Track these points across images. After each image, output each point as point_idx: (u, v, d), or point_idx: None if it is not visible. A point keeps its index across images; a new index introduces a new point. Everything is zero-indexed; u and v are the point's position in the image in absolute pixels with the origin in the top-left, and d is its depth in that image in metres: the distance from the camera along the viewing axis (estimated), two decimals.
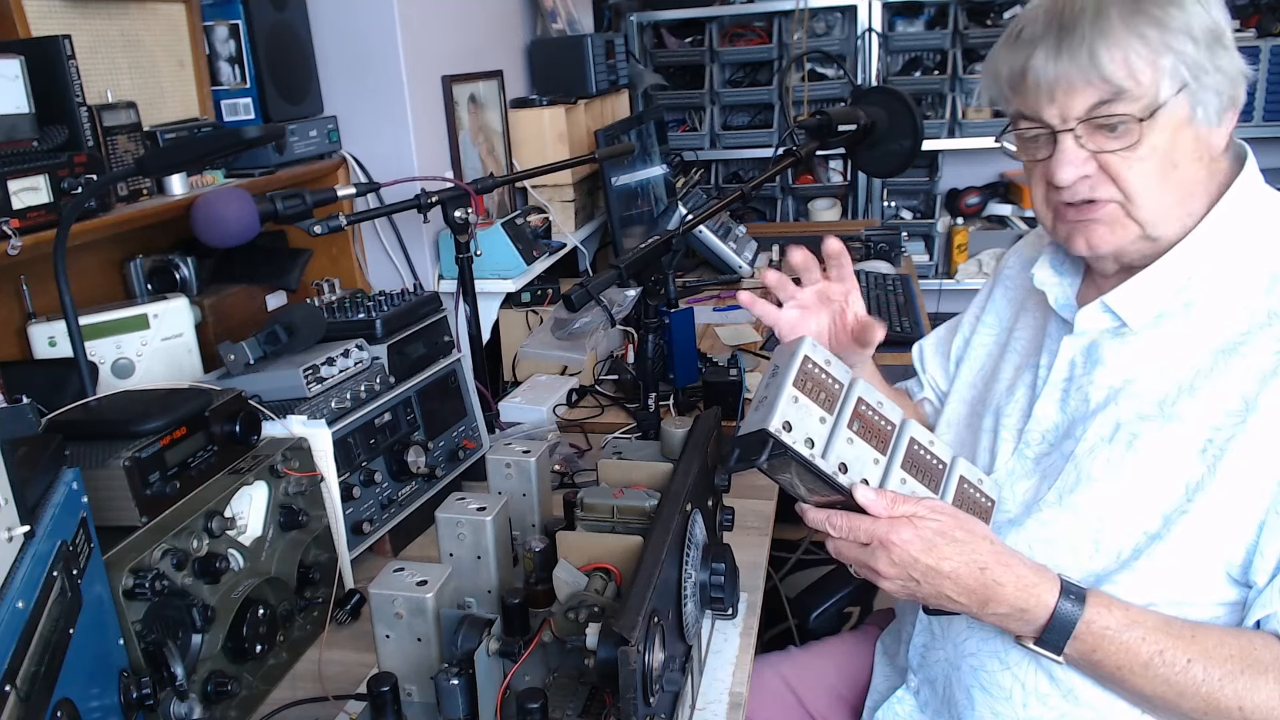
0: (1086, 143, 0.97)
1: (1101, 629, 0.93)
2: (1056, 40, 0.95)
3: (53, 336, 1.35)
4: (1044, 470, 1.07)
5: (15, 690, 0.68)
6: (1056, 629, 0.93)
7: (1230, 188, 1.00)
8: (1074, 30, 0.94)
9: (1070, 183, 0.98)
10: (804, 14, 3.67)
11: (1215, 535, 0.93)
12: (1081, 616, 0.93)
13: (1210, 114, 0.96)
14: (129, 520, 0.99)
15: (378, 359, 1.45)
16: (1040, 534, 1.03)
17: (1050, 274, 1.13)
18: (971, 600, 0.95)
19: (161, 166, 1.35)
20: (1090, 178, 0.98)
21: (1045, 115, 0.98)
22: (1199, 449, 0.95)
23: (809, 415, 0.93)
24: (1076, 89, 0.95)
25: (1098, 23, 0.93)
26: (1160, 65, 0.92)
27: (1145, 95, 0.93)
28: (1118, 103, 0.94)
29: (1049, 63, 0.95)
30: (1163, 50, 0.92)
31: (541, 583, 1.03)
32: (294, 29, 1.80)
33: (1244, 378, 0.94)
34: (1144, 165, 0.96)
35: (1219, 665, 0.90)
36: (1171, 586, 0.95)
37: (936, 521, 0.94)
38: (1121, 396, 1.01)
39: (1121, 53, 0.92)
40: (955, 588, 0.94)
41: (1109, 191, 0.98)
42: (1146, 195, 0.97)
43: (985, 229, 3.86)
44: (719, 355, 1.94)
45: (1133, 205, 0.97)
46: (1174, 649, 0.92)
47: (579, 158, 2.05)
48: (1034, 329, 1.19)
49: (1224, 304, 0.98)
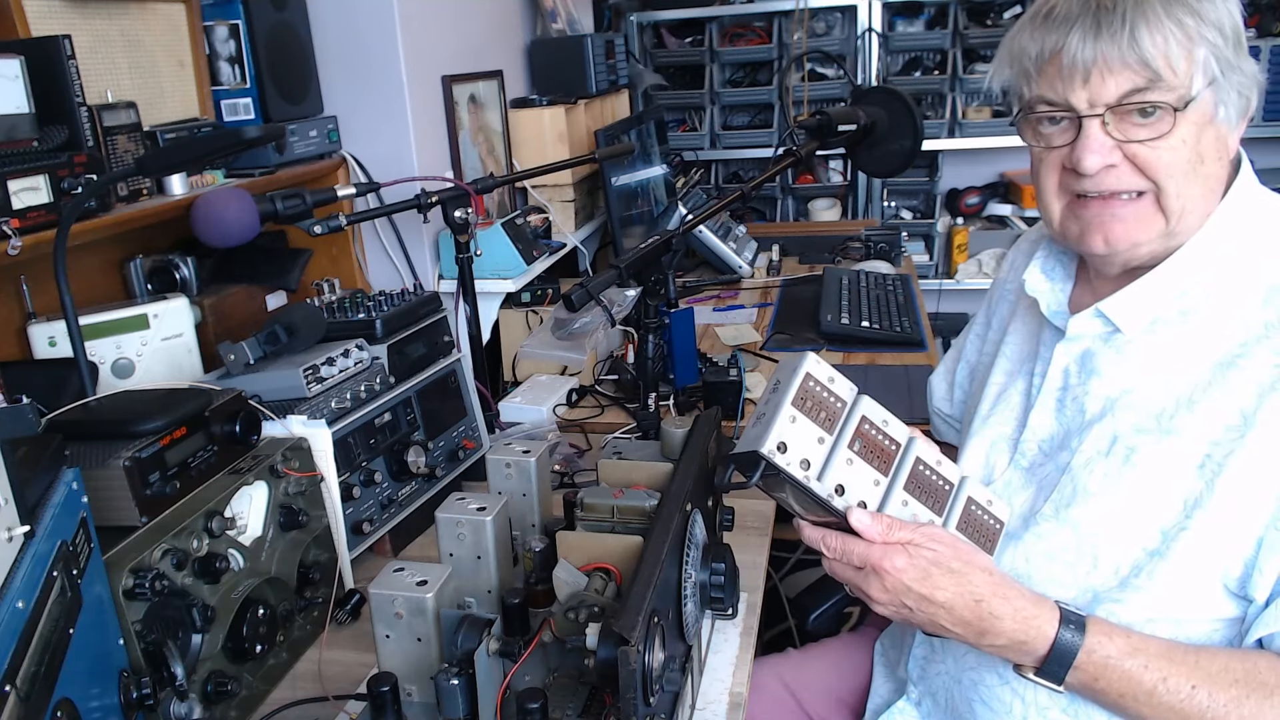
0: (1113, 130, 0.94)
1: (1104, 658, 0.91)
2: (1095, 20, 0.92)
3: (53, 336, 1.35)
4: (1039, 481, 1.06)
5: (15, 690, 0.68)
6: (1057, 659, 0.92)
7: (1228, 193, 0.99)
8: (1114, 10, 0.92)
9: (1095, 171, 0.95)
10: (804, 14, 3.67)
11: (1214, 551, 0.92)
12: (1082, 645, 0.91)
13: (1231, 113, 0.95)
14: (129, 520, 0.99)
15: (378, 359, 1.45)
16: (1037, 548, 1.01)
17: (1041, 279, 1.11)
18: (967, 631, 0.93)
19: (161, 166, 1.35)
20: (1115, 167, 0.95)
21: (1073, 99, 0.95)
22: (1197, 464, 0.93)
23: (806, 435, 0.91)
24: (1114, 71, 0.92)
25: (1139, 5, 0.91)
26: (1195, 56, 0.91)
27: (1180, 85, 0.92)
28: (1152, 90, 0.92)
29: (1086, 43, 0.92)
30: (1199, 40, 0.91)
31: (541, 583, 1.03)
32: (294, 29, 1.80)
33: (1242, 392, 0.93)
34: (1174, 155, 0.94)
35: (1224, 690, 0.89)
36: (1171, 603, 0.94)
37: (932, 551, 0.92)
38: (1118, 408, 1.00)
39: (1162, 37, 0.91)
40: (950, 618, 0.93)
41: (1135, 182, 0.96)
42: (1177, 184, 0.95)
43: (985, 229, 3.86)
44: (719, 355, 1.94)
45: (1164, 194, 0.95)
46: (1177, 675, 0.90)
47: (579, 158, 2.05)
48: (1025, 335, 1.17)
49: (1221, 315, 0.97)
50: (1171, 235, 0.98)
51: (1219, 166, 0.97)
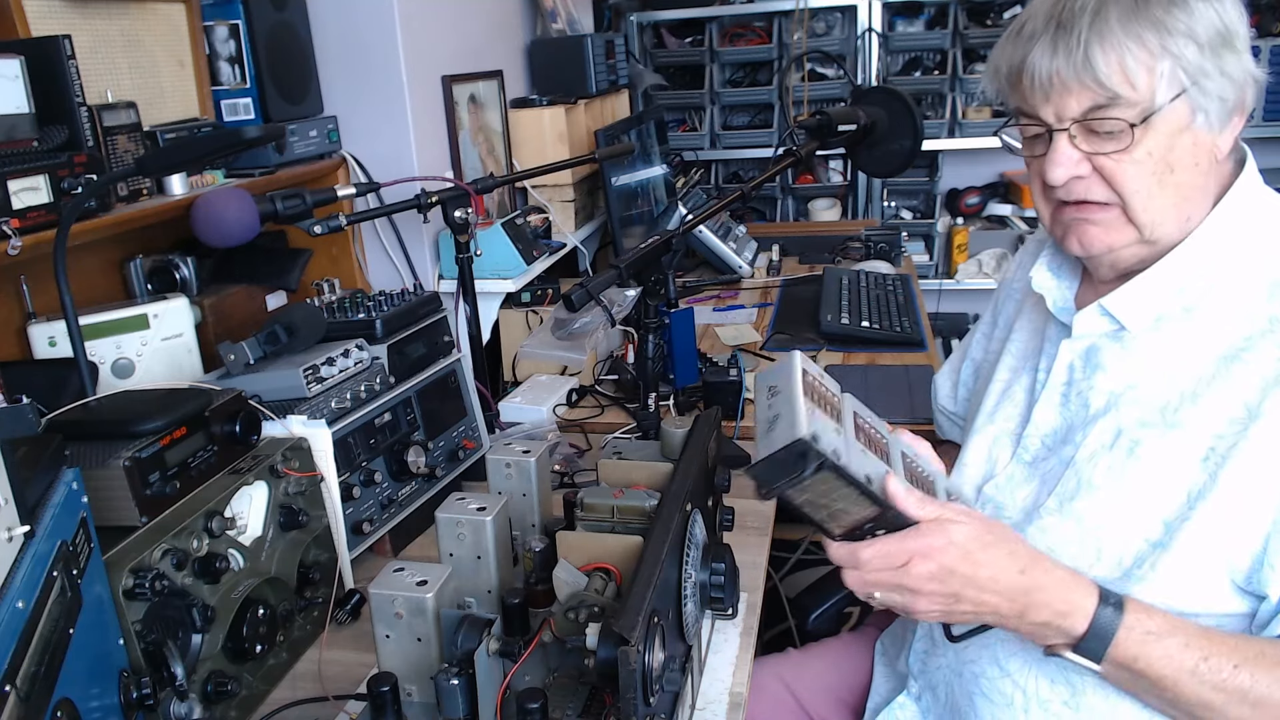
0: (1081, 143, 0.96)
1: (1144, 634, 0.89)
2: (1053, 39, 0.93)
3: (53, 336, 1.35)
4: (1042, 475, 1.06)
5: (15, 690, 0.68)
6: (1096, 635, 0.89)
7: (1229, 191, 0.99)
8: (1071, 30, 0.92)
9: (1062, 182, 0.98)
10: (804, 14, 3.67)
11: (1218, 543, 0.92)
12: (1122, 621, 0.89)
13: (1213, 119, 0.94)
14: (129, 520, 0.99)
15: (378, 359, 1.44)
16: (1041, 541, 1.01)
17: (1048, 276, 1.12)
18: (1011, 609, 0.90)
19: (161, 166, 1.35)
20: (1084, 179, 0.97)
21: (1041, 113, 0.97)
22: (1201, 456, 0.94)
23: (826, 426, 0.87)
24: (1071, 90, 0.94)
25: (1095, 23, 0.91)
26: (1157, 69, 0.91)
27: (1141, 100, 0.92)
28: (1112, 108, 0.92)
29: (1044, 61, 0.94)
30: (1160, 54, 0.91)
31: (541, 583, 1.03)
32: (294, 29, 1.80)
33: (1246, 385, 0.93)
34: (1138, 169, 0.95)
35: (1267, 672, 0.87)
36: (1176, 596, 0.94)
37: (964, 526, 0.89)
38: (1122, 402, 1.00)
39: (1116, 56, 0.91)
40: (996, 595, 0.90)
41: (1103, 193, 0.97)
42: (1141, 198, 0.96)
43: (985, 229, 3.86)
44: (719, 355, 1.94)
45: (1129, 208, 0.96)
46: (1219, 655, 0.88)
47: (579, 158, 2.05)
48: (1031, 332, 1.18)
49: (1224, 310, 0.97)
50: (1149, 242, 0.99)
51: (1196, 172, 0.96)
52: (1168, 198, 0.96)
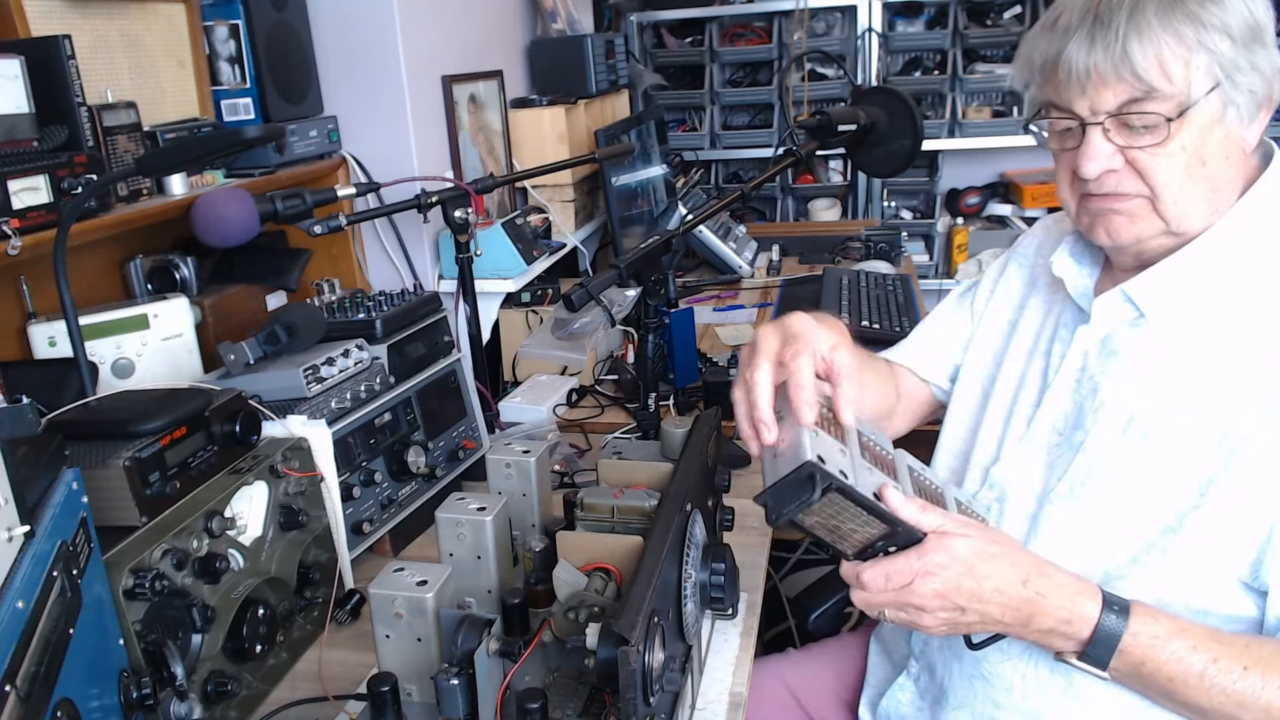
0: (1114, 136, 0.96)
1: (1150, 639, 0.89)
2: (1090, 32, 0.93)
3: (53, 336, 1.35)
4: (1053, 461, 1.06)
5: (15, 690, 0.68)
6: (1100, 642, 0.90)
7: (1255, 183, 1.00)
8: (1109, 24, 0.92)
9: (1095, 176, 0.98)
10: (804, 14, 3.67)
11: (1227, 531, 0.92)
12: (1127, 627, 0.90)
13: (1243, 112, 0.95)
14: (129, 520, 0.99)
15: (378, 359, 1.44)
16: (1051, 527, 1.02)
17: (1070, 262, 1.12)
18: (1016, 618, 0.91)
19: (161, 166, 1.35)
20: (1117, 172, 0.97)
21: (1075, 107, 0.97)
22: (1214, 445, 0.94)
23: (831, 448, 0.88)
24: (1108, 84, 0.94)
25: (1133, 18, 0.91)
26: (1194, 63, 0.92)
27: (1177, 94, 0.92)
28: (1148, 101, 0.93)
29: (1081, 55, 0.94)
30: (1197, 48, 0.91)
31: (541, 583, 1.03)
32: (294, 29, 1.80)
33: (1262, 377, 0.94)
34: (1172, 162, 0.95)
35: (1277, 672, 0.88)
36: (1185, 586, 0.94)
37: (966, 538, 0.90)
38: (1137, 390, 1.00)
39: (1155, 49, 0.91)
40: (1001, 607, 0.90)
41: (1135, 186, 0.97)
42: (1173, 191, 0.96)
43: (985, 229, 3.86)
44: (719, 355, 1.94)
45: (1159, 201, 0.97)
46: (1228, 657, 0.88)
47: (579, 158, 2.05)
48: (1043, 313, 1.18)
49: (1244, 301, 0.98)
50: (1175, 234, 0.99)
51: (1227, 165, 0.97)
52: (1198, 190, 0.97)
